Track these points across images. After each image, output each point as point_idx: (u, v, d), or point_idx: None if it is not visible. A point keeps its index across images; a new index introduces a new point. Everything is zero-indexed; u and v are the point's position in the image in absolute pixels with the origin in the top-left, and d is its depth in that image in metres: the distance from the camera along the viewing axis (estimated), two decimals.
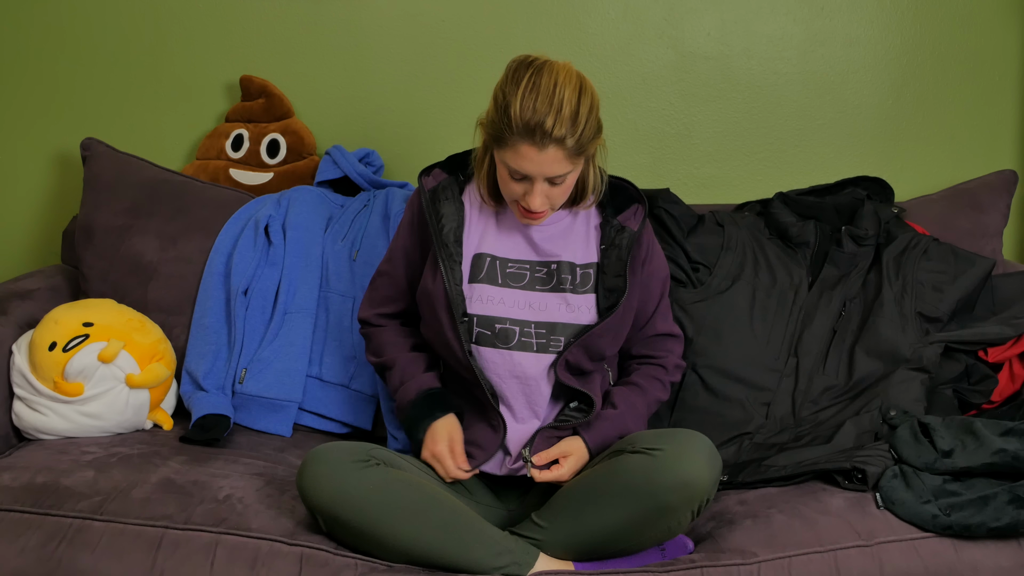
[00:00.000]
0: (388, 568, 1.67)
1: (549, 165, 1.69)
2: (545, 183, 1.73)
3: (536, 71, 1.69)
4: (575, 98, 1.68)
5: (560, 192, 1.76)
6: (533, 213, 1.77)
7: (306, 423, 2.21)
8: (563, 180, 1.74)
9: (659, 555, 1.73)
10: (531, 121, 1.65)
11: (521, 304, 1.83)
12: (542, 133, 1.66)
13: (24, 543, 1.69)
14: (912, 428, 1.92)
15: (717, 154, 2.62)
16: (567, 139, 1.67)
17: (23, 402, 2.02)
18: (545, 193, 1.74)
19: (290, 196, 2.33)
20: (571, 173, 1.74)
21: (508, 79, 1.71)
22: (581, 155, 1.72)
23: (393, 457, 1.76)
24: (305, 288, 2.23)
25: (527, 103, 1.66)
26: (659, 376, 1.95)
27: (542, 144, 1.67)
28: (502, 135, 1.70)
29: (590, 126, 1.70)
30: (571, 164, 1.72)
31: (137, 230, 2.28)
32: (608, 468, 1.68)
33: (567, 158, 1.70)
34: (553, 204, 1.78)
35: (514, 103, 1.67)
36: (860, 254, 2.27)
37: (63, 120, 2.58)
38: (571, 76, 1.70)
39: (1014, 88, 2.62)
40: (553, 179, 1.73)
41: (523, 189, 1.75)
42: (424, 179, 1.90)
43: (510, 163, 1.71)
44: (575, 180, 1.78)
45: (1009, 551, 1.71)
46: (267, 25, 2.55)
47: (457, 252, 1.83)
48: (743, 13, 2.57)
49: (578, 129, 1.68)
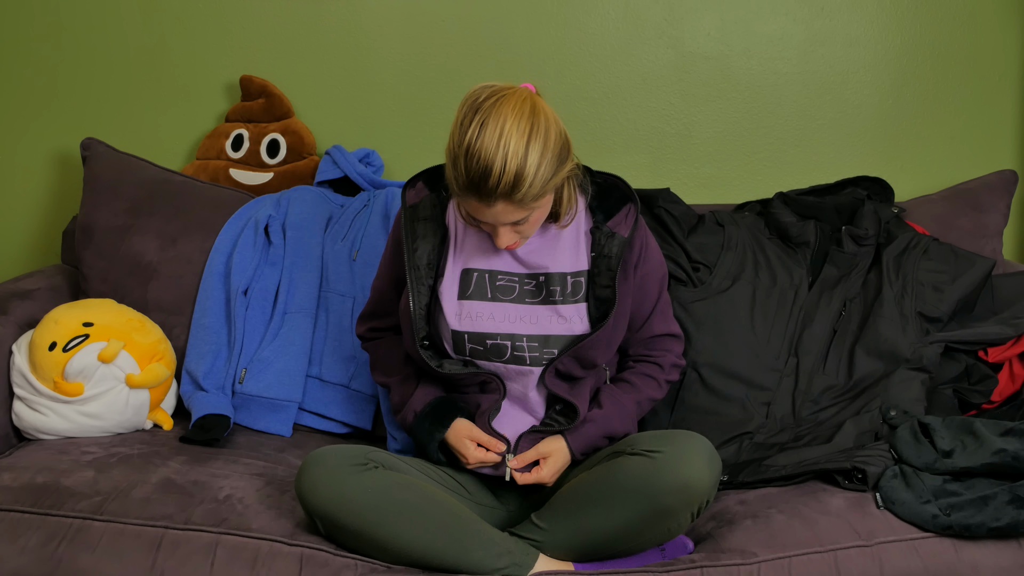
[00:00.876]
0: (388, 569, 1.67)
1: (502, 215, 1.65)
2: (507, 226, 1.69)
3: (483, 119, 1.60)
4: (522, 147, 1.59)
5: (529, 227, 1.72)
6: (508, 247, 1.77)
7: (306, 423, 2.21)
8: (526, 220, 1.69)
9: (659, 555, 1.73)
10: (475, 178, 1.59)
11: (512, 317, 1.81)
12: (486, 192, 1.60)
13: (24, 543, 1.69)
14: (912, 428, 1.92)
15: (717, 154, 2.62)
16: (514, 194, 1.60)
17: (23, 402, 2.02)
18: (511, 231, 1.71)
19: (290, 196, 2.33)
20: (534, 212, 1.68)
21: (457, 126, 1.63)
22: (539, 199, 1.65)
23: (392, 459, 1.76)
24: (305, 288, 2.23)
25: (471, 160, 1.59)
26: (654, 374, 1.93)
27: (488, 201, 1.62)
28: (454, 185, 1.65)
29: (544, 170, 1.61)
30: (526, 211, 1.66)
31: (137, 230, 2.28)
32: (607, 470, 1.68)
33: (519, 208, 1.64)
34: (525, 236, 1.75)
35: (460, 158, 1.61)
36: (860, 254, 2.27)
37: (63, 120, 2.58)
38: (522, 116, 1.60)
39: (1014, 88, 2.62)
40: (514, 222, 1.69)
41: (488, 229, 1.73)
42: (408, 192, 1.87)
43: (466, 210, 1.70)
44: (545, 212, 1.73)
45: (1009, 551, 1.71)
46: (267, 25, 2.55)
47: (428, 274, 1.81)
48: (743, 13, 2.57)
49: (526, 183, 1.59)
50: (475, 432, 1.81)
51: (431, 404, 1.84)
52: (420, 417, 1.83)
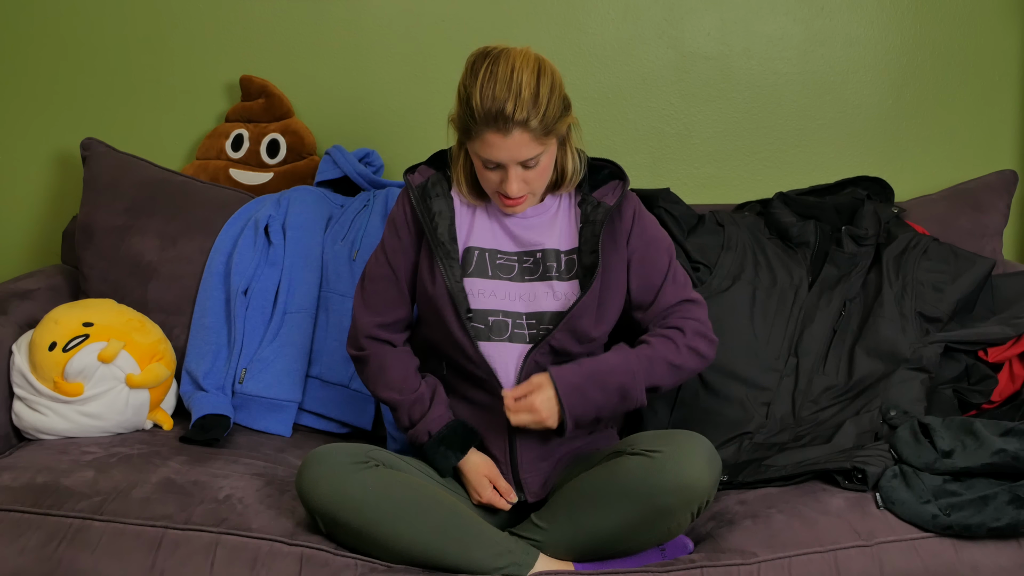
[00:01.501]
0: (388, 569, 1.67)
1: (517, 149, 1.70)
2: (519, 168, 1.73)
3: (492, 60, 1.70)
4: (533, 80, 1.69)
5: (537, 175, 1.76)
6: (513, 200, 1.77)
7: (306, 423, 2.21)
8: (536, 162, 1.74)
9: (659, 555, 1.73)
10: (492, 109, 1.67)
11: (512, 296, 1.82)
12: (504, 119, 1.67)
13: (24, 543, 1.69)
14: (912, 428, 1.92)
15: (717, 154, 2.62)
16: (530, 121, 1.68)
17: (23, 402, 2.02)
18: (521, 178, 1.74)
19: (290, 196, 2.33)
20: (543, 154, 1.74)
21: (467, 73, 1.72)
22: (549, 135, 1.72)
23: (392, 458, 1.76)
24: (305, 288, 2.23)
25: (486, 92, 1.68)
26: (672, 336, 1.82)
27: (506, 130, 1.68)
28: (468, 127, 1.71)
29: (553, 105, 1.70)
30: (540, 145, 1.71)
31: (137, 230, 2.28)
32: (607, 470, 1.68)
33: (534, 140, 1.70)
34: (533, 189, 1.77)
35: (474, 95, 1.68)
36: (860, 254, 2.27)
37: (63, 120, 2.58)
38: (528, 59, 1.71)
39: (1014, 88, 2.62)
40: (525, 162, 1.72)
41: (499, 177, 1.75)
42: (410, 176, 1.89)
43: (481, 153, 1.72)
44: (551, 162, 1.78)
45: (1009, 551, 1.71)
46: (267, 25, 2.55)
47: (453, 249, 1.82)
48: (743, 13, 2.57)
49: (540, 110, 1.68)
50: (494, 473, 1.82)
51: (449, 427, 1.82)
52: (437, 440, 1.82)
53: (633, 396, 1.77)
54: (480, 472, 1.82)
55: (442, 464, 1.81)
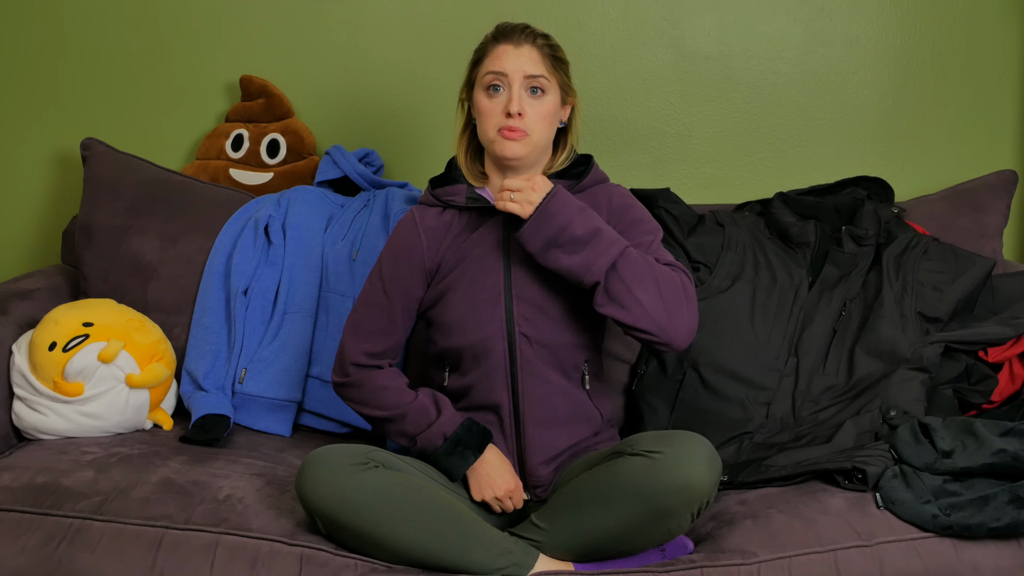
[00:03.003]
0: (388, 569, 1.67)
1: (527, 61, 1.80)
2: (525, 90, 1.80)
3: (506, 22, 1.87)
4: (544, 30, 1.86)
5: (540, 114, 1.81)
6: (514, 129, 1.79)
7: (306, 423, 2.21)
8: (541, 96, 1.81)
9: (659, 555, 1.73)
10: (506, 28, 1.84)
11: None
12: (518, 31, 1.82)
13: (24, 543, 1.69)
14: (912, 428, 1.92)
15: (717, 154, 2.62)
16: (538, 40, 1.82)
17: (23, 402, 2.02)
18: (526, 105, 1.79)
19: (290, 196, 2.33)
20: (548, 92, 1.81)
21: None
22: (555, 70, 1.83)
23: (392, 459, 1.76)
24: (305, 288, 2.23)
25: (502, 24, 1.85)
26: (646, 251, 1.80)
27: (518, 42, 1.81)
28: (482, 53, 1.85)
29: (561, 50, 1.85)
30: (546, 70, 1.81)
31: (137, 230, 2.28)
32: (607, 471, 1.68)
33: (543, 60, 1.81)
34: (532, 128, 1.80)
35: (491, 32, 1.85)
36: (860, 254, 2.27)
37: (63, 120, 2.58)
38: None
39: (1014, 88, 2.62)
40: (532, 82, 1.80)
41: (503, 102, 1.80)
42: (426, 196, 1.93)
43: (491, 67, 1.81)
44: (553, 111, 1.83)
45: (1009, 551, 1.71)
46: (267, 25, 2.55)
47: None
48: (743, 13, 2.57)
49: (550, 40, 1.84)
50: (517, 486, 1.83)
51: (464, 427, 1.81)
52: (453, 441, 1.80)
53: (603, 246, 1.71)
54: (505, 463, 1.82)
55: (458, 466, 1.80)
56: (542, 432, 1.83)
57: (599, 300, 1.72)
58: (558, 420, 1.84)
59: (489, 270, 1.85)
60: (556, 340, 1.83)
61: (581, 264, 1.72)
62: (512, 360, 1.82)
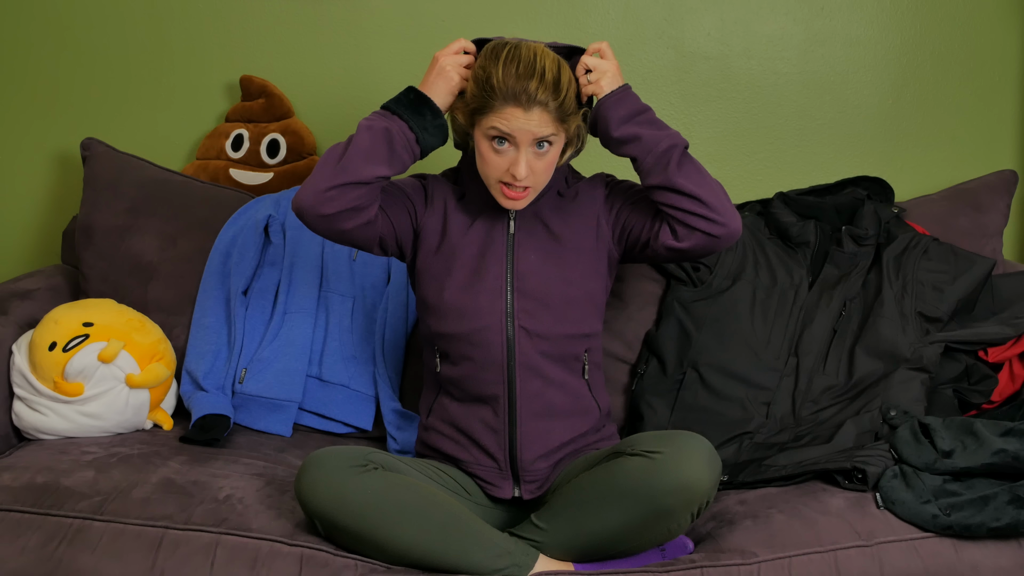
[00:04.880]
0: (387, 570, 1.67)
1: (537, 124, 1.71)
2: (532, 149, 1.74)
3: (513, 47, 1.74)
4: (555, 67, 1.72)
5: (543, 167, 1.77)
6: (516, 191, 1.77)
7: (306, 423, 2.21)
8: (547, 149, 1.75)
9: (659, 555, 1.73)
10: (515, 87, 1.69)
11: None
12: (527, 96, 1.69)
13: (24, 543, 1.69)
14: (912, 428, 1.92)
15: (717, 154, 2.62)
16: (550, 103, 1.71)
17: (23, 402, 2.02)
18: (530, 164, 1.75)
19: (290, 196, 2.33)
20: (554, 143, 1.76)
21: (486, 57, 1.75)
22: (564, 123, 1.75)
23: (392, 460, 1.76)
24: (305, 288, 2.23)
25: (508, 70, 1.70)
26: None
27: (528, 105, 1.70)
28: (484, 105, 1.72)
29: (570, 96, 1.74)
30: (555, 128, 1.74)
31: (137, 230, 2.28)
32: (607, 471, 1.68)
33: (552, 121, 1.73)
34: (536, 182, 1.78)
35: (495, 73, 1.71)
36: (860, 254, 2.27)
37: (63, 120, 2.58)
38: (548, 53, 1.74)
39: (1014, 88, 2.62)
40: (539, 142, 1.73)
41: (507, 161, 1.75)
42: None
43: (498, 125, 1.72)
44: (556, 159, 1.79)
45: (1009, 551, 1.71)
46: (267, 25, 2.55)
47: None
48: (743, 13, 2.57)
49: (561, 94, 1.72)
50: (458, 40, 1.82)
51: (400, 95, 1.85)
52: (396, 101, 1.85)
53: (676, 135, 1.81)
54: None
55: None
56: (539, 425, 1.83)
57: (672, 169, 1.78)
58: (555, 413, 1.84)
59: (493, 262, 1.85)
60: (556, 331, 1.83)
61: (660, 136, 1.80)
62: (510, 353, 1.82)
